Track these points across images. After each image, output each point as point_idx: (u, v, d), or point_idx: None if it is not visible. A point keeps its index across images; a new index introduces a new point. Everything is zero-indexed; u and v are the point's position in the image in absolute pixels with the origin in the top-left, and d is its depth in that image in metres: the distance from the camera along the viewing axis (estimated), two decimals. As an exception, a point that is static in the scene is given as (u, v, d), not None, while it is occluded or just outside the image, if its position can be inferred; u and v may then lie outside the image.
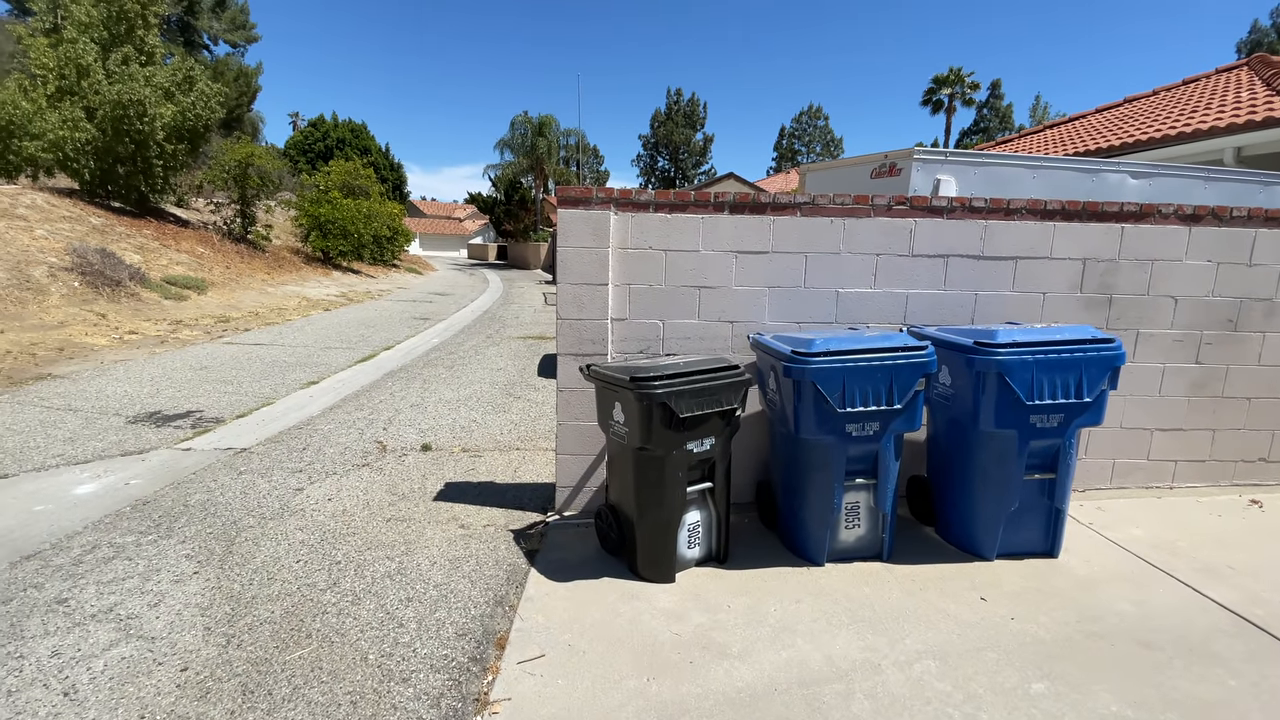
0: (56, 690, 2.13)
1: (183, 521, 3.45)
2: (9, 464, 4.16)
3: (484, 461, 4.62)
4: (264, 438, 4.96)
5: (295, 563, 3.03)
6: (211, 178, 16.70)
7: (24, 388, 5.93)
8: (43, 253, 10.13)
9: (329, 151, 42.17)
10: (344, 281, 18.70)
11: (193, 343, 8.63)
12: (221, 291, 12.76)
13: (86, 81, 13.19)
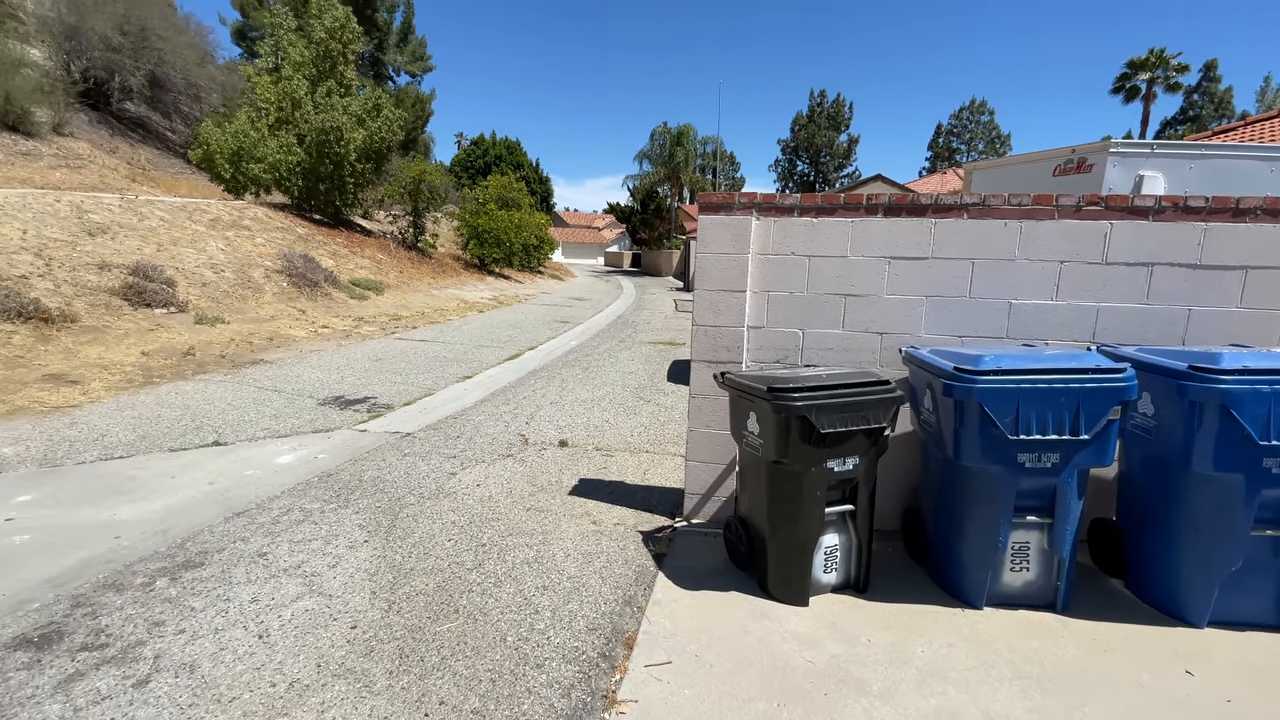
0: (253, 632, 2.49)
1: (357, 494, 3.90)
2: (229, 434, 4.98)
3: (615, 461, 4.73)
4: (425, 424, 5.48)
5: (447, 541, 3.29)
6: (391, 193, 18.95)
7: (242, 370, 7.08)
8: (261, 257, 12.08)
9: (487, 167, 45.99)
10: (496, 286, 20.29)
11: (371, 337, 9.80)
12: (395, 293, 14.40)
13: (299, 112, 15.56)
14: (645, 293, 23.87)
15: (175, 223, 11.58)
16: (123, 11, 18.75)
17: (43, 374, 5.95)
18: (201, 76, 21.35)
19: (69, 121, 16.94)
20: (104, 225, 10.07)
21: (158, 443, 4.63)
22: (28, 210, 9.39)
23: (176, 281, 9.35)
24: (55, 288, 7.78)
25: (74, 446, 4.44)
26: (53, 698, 2.09)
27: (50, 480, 3.90)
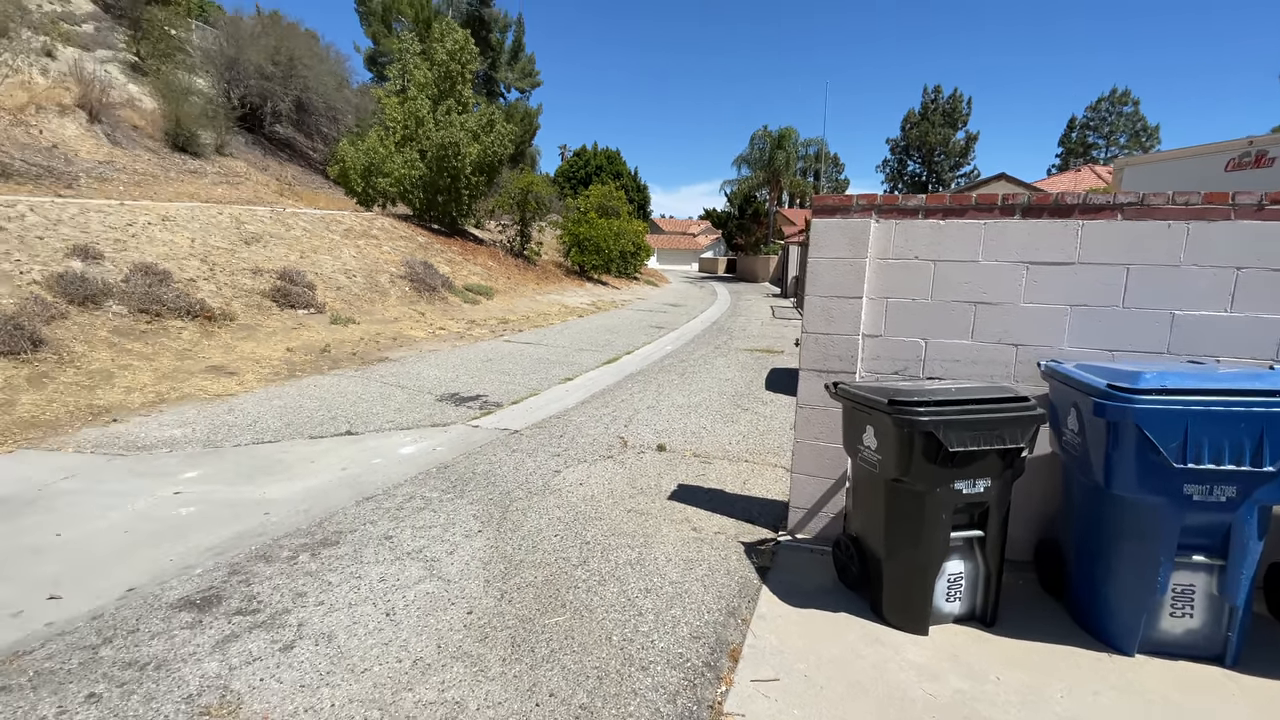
0: (381, 609, 2.68)
1: (471, 486, 4.11)
2: (359, 424, 5.42)
3: (713, 469, 4.67)
4: (531, 423, 5.70)
5: (554, 536, 3.39)
6: (501, 203, 20.00)
7: (370, 367, 7.70)
8: (387, 264, 13.14)
9: (588, 177, 47.41)
10: (594, 292, 20.82)
11: (481, 339, 10.36)
12: (503, 298, 15.15)
13: (421, 129, 16.80)
14: (740, 299, 23.55)
15: (315, 232, 12.85)
16: (274, 44, 21.12)
17: (206, 365, 6.79)
18: (339, 100, 23.57)
19: (229, 143, 19.30)
20: (257, 235, 11.35)
21: (300, 430, 5.13)
22: (195, 222, 10.78)
23: (316, 285, 10.36)
24: (217, 290, 8.86)
25: (231, 431, 5.02)
26: (211, 655, 2.36)
27: (212, 460, 4.43)
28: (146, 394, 5.70)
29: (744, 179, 44.26)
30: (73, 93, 15.32)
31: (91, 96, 15.49)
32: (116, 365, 6.20)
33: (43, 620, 2.54)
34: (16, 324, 5.95)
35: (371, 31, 37.84)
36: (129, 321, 7.17)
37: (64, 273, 7.31)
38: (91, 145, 14.85)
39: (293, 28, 22.85)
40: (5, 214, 8.10)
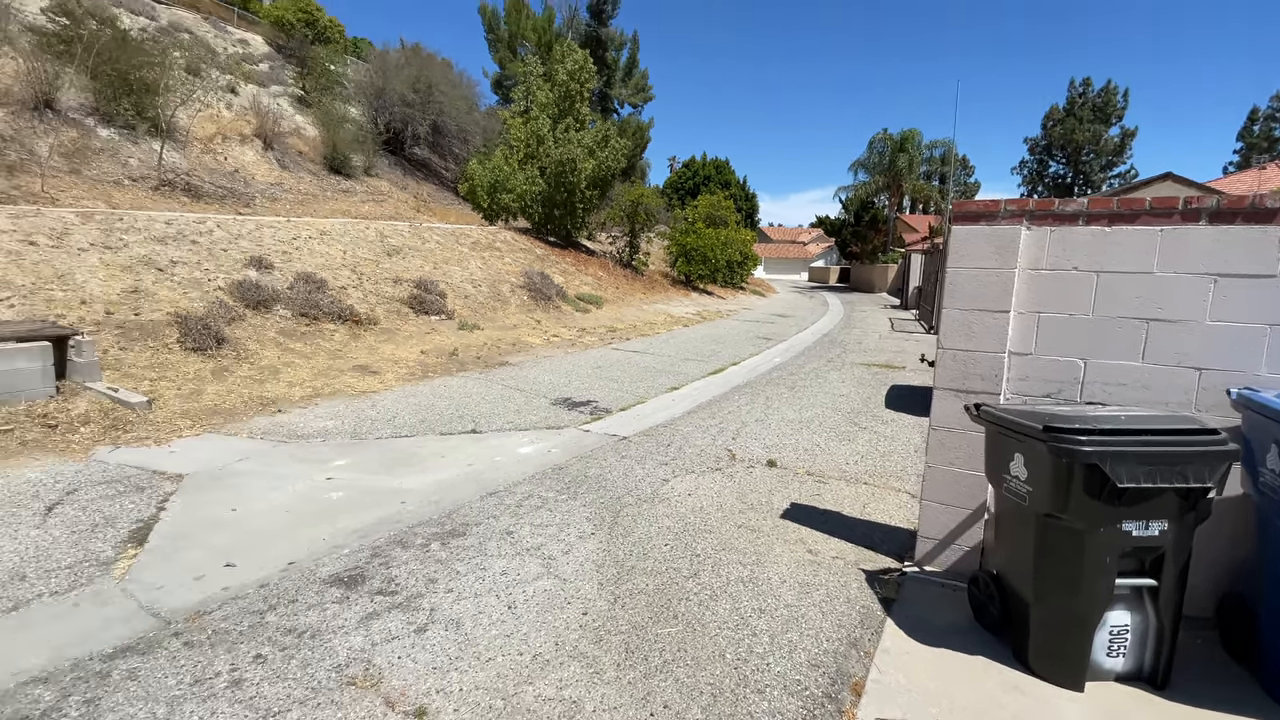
0: (504, 602, 2.80)
1: (584, 489, 4.23)
2: (483, 424, 5.75)
3: (829, 489, 4.47)
4: (639, 430, 5.77)
5: (664, 545, 3.40)
6: (612, 215, 20.58)
7: (492, 371, 8.17)
8: (508, 274, 13.93)
9: (696, 187, 47.63)
10: (699, 302, 20.82)
11: (591, 347, 10.67)
12: (612, 307, 15.55)
13: (542, 147, 17.71)
14: (854, 310, 22.52)
15: (446, 245, 13.89)
16: (415, 73, 23.21)
17: (353, 364, 7.52)
18: (468, 122, 25.44)
19: (375, 164, 21.39)
20: (398, 248, 12.46)
21: (433, 426, 5.54)
22: (346, 236, 12.01)
23: (446, 294, 11.19)
24: (364, 297, 9.81)
25: (374, 425, 5.52)
26: (357, 630, 2.58)
27: (357, 450, 4.88)
28: (305, 388, 6.41)
29: (860, 184, 42.43)
30: (251, 124, 17.69)
31: (266, 127, 17.81)
32: (281, 362, 7.04)
33: (220, 585, 2.90)
34: (205, 324, 6.94)
35: (498, 57, 40.47)
36: (292, 324, 8.12)
37: (242, 280, 8.43)
38: (265, 169, 17.06)
39: (431, 58, 25.01)
40: (197, 230, 9.49)
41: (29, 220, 7.78)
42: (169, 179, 13.22)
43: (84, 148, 12.68)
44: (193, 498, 3.82)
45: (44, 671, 2.26)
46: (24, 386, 4.91)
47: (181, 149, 14.76)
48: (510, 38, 40.22)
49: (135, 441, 4.65)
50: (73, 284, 6.88)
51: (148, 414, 5.09)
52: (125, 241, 8.22)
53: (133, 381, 5.66)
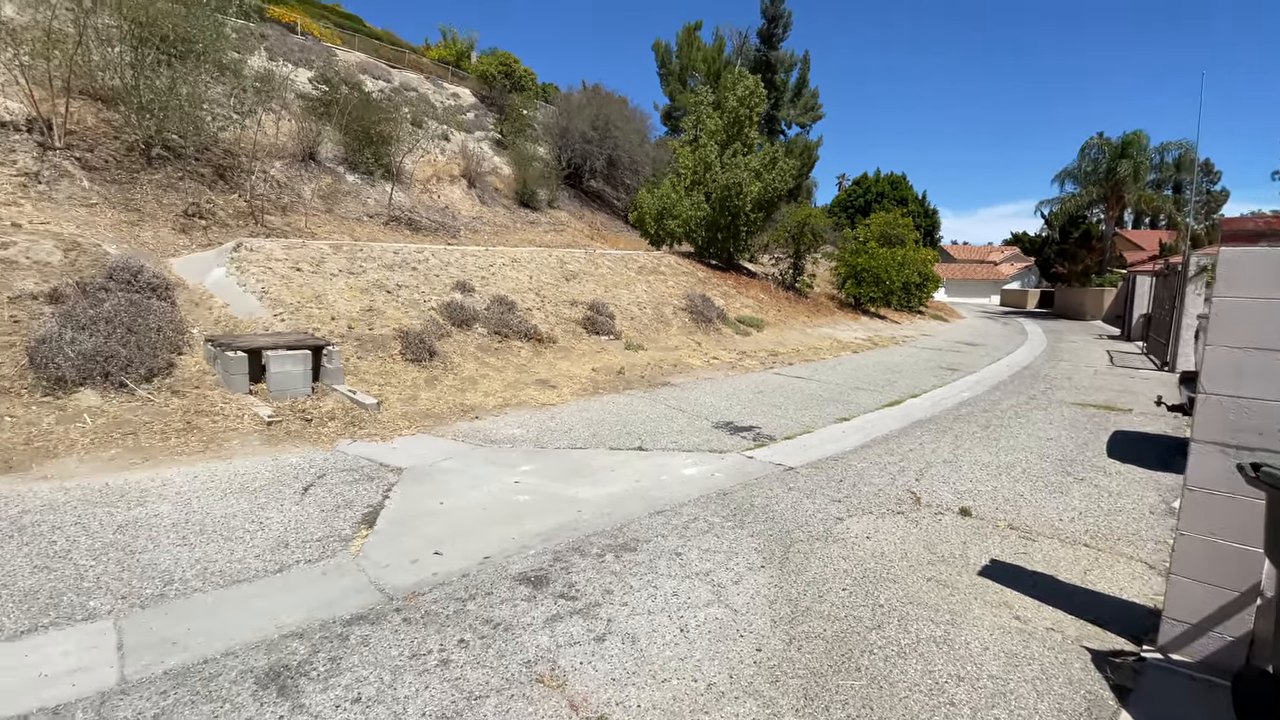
0: (676, 624, 2.82)
1: (750, 518, 4.14)
2: (648, 442, 5.91)
3: (1038, 548, 3.89)
4: (806, 461, 5.54)
5: (841, 590, 3.19)
6: (776, 237, 20.27)
7: (655, 390, 8.40)
8: (670, 297, 14.31)
9: (868, 205, 45.31)
10: (870, 326, 19.59)
11: (752, 370, 10.53)
12: (773, 330, 15.24)
13: (709, 173, 18.04)
14: (1061, 340, 19.63)
15: (616, 270, 14.67)
16: (595, 112, 25.03)
17: (535, 379, 8.19)
18: (640, 154, 26.80)
19: (557, 197, 23.34)
20: (575, 273, 13.42)
21: (603, 441, 5.82)
22: (532, 263, 13.19)
23: (615, 315, 11.79)
24: (545, 317, 10.68)
25: (553, 435, 5.93)
26: (542, 630, 2.75)
27: (540, 458, 5.27)
28: (497, 398, 7.11)
29: (1068, 197, 37.11)
30: (459, 166, 20.28)
31: (470, 168, 20.32)
32: (479, 374, 7.89)
33: (430, 570, 3.28)
34: (421, 339, 8.01)
35: (669, 89, 42.20)
36: (487, 340, 9.09)
37: (450, 302, 9.63)
38: (468, 205, 19.43)
39: (608, 96, 26.84)
40: (416, 258, 11.04)
41: (296, 250, 9.64)
42: (396, 215, 15.61)
43: (335, 190, 15.48)
44: (410, 489, 4.40)
45: (299, 628, 2.71)
46: (291, 386, 6.05)
47: (406, 189, 17.37)
48: (681, 70, 41.81)
49: (367, 437, 5.49)
50: (325, 303, 8.37)
51: (376, 414, 5.99)
52: (364, 268, 9.83)
53: (366, 386, 6.70)
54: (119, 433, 4.68)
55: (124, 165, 11.15)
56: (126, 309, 6.17)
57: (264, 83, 13.47)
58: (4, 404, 4.67)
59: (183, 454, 4.64)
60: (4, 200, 9.11)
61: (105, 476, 4.14)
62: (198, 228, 10.72)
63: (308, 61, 20.52)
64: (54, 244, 7.42)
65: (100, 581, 2.95)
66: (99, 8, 10.98)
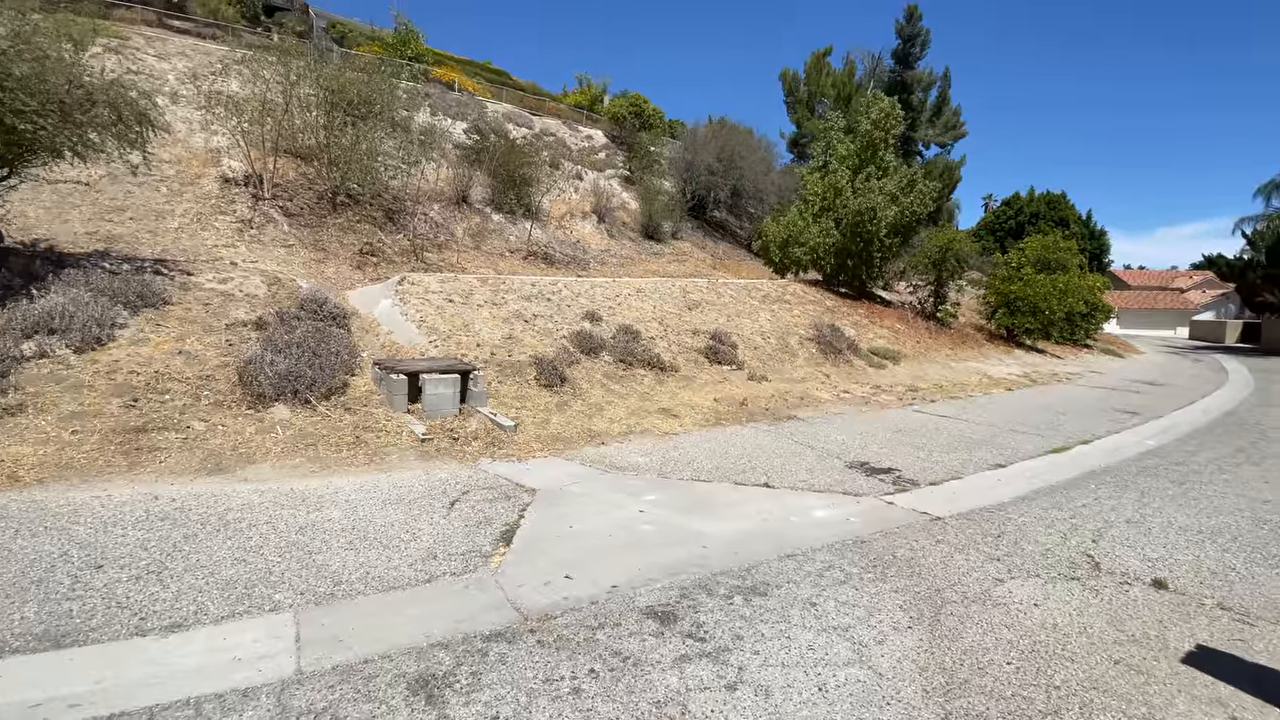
0: (813, 682, 2.63)
1: (893, 571, 3.81)
2: (775, 478, 5.70)
3: (1262, 635, 3.19)
4: (956, 511, 5.03)
5: (1005, 663, 2.81)
6: (915, 263, 19.03)
7: (781, 424, 8.12)
8: (796, 327, 13.89)
9: (1020, 228, 41.47)
10: (1025, 360, 17.64)
11: (888, 406, 9.85)
12: (911, 363, 14.22)
13: (839, 199, 17.45)
14: (1274, 382, 16.41)
15: (739, 299, 14.55)
16: (720, 144, 25.34)
17: (658, 407, 8.26)
18: (765, 183, 26.62)
19: (680, 229, 23.75)
20: (697, 302, 13.49)
21: (727, 474, 5.70)
22: (656, 293, 13.45)
23: (737, 345, 11.65)
24: (668, 346, 10.80)
25: (676, 465, 5.91)
26: (671, 669, 2.68)
27: (663, 488, 5.26)
28: (621, 425, 7.25)
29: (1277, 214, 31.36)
30: (590, 202, 21.35)
31: (600, 204, 21.32)
32: (604, 401, 8.12)
33: (561, 593, 3.36)
34: (554, 366, 8.42)
35: (795, 118, 41.76)
36: (612, 368, 9.36)
37: (579, 331, 10.05)
38: (598, 239, 20.34)
39: (734, 128, 27.08)
40: (551, 289, 11.69)
41: (449, 284, 10.60)
42: (533, 250, 16.72)
43: (482, 229, 16.90)
44: (542, 511, 4.57)
45: (445, 638, 2.87)
46: (442, 407, 6.59)
47: (542, 226, 18.58)
48: (809, 97, 41.26)
49: (505, 457, 5.82)
50: (472, 331, 9.09)
51: (513, 436, 6.34)
52: (505, 299, 10.58)
53: (505, 408, 7.14)
54: (303, 444, 5.36)
55: (315, 211, 13.02)
56: (313, 335, 7.10)
57: (427, 135, 15.18)
58: (219, 415, 5.55)
59: (351, 465, 5.19)
60: (226, 243, 10.97)
61: (291, 482, 4.74)
62: (369, 264, 12.18)
63: (463, 114, 22.83)
64: (260, 279, 8.77)
65: (284, 577, 3.34)
66: (301, 80, 13.03)
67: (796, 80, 42.15)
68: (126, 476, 4.50)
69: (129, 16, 19.57)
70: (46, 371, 5.49)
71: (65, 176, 11.18)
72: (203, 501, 4.24)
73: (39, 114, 6.26)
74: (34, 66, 6.28)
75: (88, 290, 6.51)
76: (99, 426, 4.95)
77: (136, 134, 7.85)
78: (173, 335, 6.59)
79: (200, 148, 13.74)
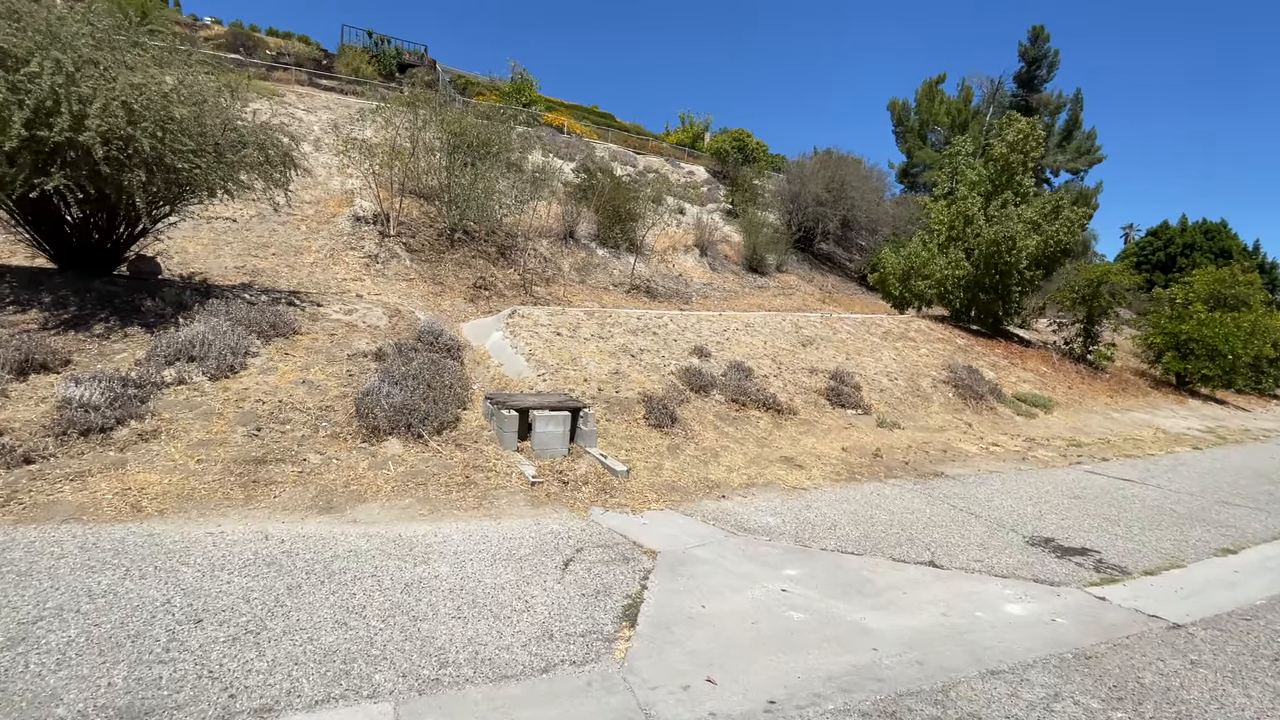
0: None
1: (1149, 707, 2.79)
2: (940, 555, 4.71)
3: None
4: (1197, 617, 3.84)
5: None
6: (1060, 298, 16.93)
7: (928, 482, 7.01)
8: (926, 367, 12.52)
9: (1170, 260, 36.85)
10: (1204, 413, 14.97)
11: (1051, 464, 8.39)
12: (1065, 412, 12.37)
13: (970, 228, 15.91)
14: None
15: (857, 335, 13.41)
16: (829, 175, 24.33)
17: (779, 455, 7.42)
18: (877, 213, 25.21)
19: (785, 262, 22.83)
20: (811, 338, 12.53)
21: (879, 546, 4.79)
22: (766, 327, 12.63)
23: (861, 386, 10.57)
24: (783, 386, 9.94)
25: (815, 530, 5.07)
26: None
27: (804, 560, 4.45)
28: (741, 475, 6.50)
29: None
30: (692, 236, 21.00)
31: (702, 238, 20.92)
32: (719, 445, 7.42)
33: (706, 708, 2.67)
34: (664, 405, 7.85)
35: (906, 147, 39.88)
36: (724, 408, 8.65)
37: (688, 367, 9.46)
38: (700, 272, 19.87)
39: (843, 158, 26.00)
40: (656, 323, 11.23)
41: (557, 317, 10.41)
42: (636, 284, 16.50)
43: (588, 263, 16.93)
44: (666, 581, 3.91)
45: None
46: (552, 446, 6.18)
47: (645, 260, 18.40)
48: (920, 126, 39.39)
49: (618, 507, 5.25)
50: (579, 365, 8.75)
51: (626, 482, 5.79)
52: (611, 333, 10.23)
53: (614, 450, 6.63)
54: (413, 482, 5.08)
55: (434, 247, 13.49)
56: (428, 367, 6.99)
57: (540, 174, 15.53)
58: (335, 447, 5.42)
59: (460, 508, 4.82)
60: (354, 276, 11.48)
61: (399, 526, 4.42)
62: (482, 297, 12.35)
63: (571, 154, 23.46)
64: (382, 310, 8.95)
65: (386, 651, 2.90)
66: (427, 126, 13.73)
67: (906, 109, 40.46)
68: (242, 510, 4.36)
69: (284, 77, 21.87)
70: (183, 398, 5.62)
71: (219, 214, 12.27)
72: (311, 544, 3.97)
73: (196, 154, 6.67)
74: (193, 110, 6.73)
75: (226, 320, 6.77)
76: (223, 456, 4.92)
77: (281, 173, 8.32)
78: (298, 364, 6.69)
79: (337, 189, 14.75)
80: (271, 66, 22.56)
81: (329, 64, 25.11)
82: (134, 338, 6.55)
